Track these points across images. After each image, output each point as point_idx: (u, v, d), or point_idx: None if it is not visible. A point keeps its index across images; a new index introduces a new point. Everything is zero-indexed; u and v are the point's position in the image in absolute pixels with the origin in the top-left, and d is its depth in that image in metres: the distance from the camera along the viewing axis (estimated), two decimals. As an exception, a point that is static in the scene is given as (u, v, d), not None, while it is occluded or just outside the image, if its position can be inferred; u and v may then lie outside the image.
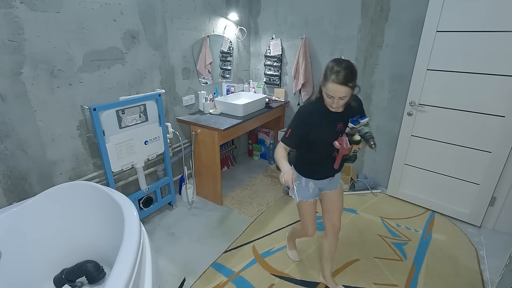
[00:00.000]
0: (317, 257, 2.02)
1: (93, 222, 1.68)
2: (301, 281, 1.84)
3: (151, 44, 2.24)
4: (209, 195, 2.68)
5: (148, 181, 2.42)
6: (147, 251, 1.37)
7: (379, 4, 2.41)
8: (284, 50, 3.11)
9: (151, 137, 2.16)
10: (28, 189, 1.77)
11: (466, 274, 1.90)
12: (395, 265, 1.96)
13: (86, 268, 1.61)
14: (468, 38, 2.05)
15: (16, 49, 1.56)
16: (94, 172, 2.07)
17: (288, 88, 3.22)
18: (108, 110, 1.84)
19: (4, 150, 1.62)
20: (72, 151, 1.93)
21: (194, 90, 2.73)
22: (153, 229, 2.30)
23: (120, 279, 1.03)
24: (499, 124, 2.09)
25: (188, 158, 2.71)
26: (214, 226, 2.36)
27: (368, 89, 2.69)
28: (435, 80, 2.26)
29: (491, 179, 2.21)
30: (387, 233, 2.27)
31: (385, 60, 2.52)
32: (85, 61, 1.86)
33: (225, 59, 3.02)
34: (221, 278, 1.85)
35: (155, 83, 2.35)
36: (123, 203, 1.47)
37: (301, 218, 1.70)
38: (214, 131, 2.35)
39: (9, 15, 1.51)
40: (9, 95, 1.58)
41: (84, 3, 1.79)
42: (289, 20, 2.95)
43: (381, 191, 2.84)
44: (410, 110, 2.43)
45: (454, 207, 2.44)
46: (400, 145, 2.58)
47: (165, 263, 1.97)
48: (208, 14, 2.67)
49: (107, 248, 1.63)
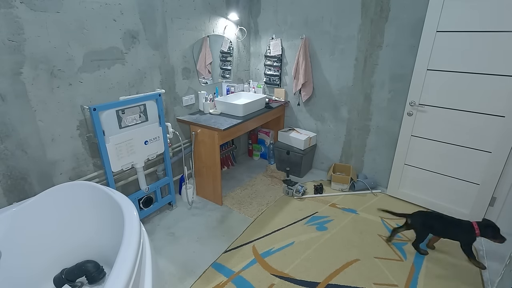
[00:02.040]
0: (317, 257, 2.03)
1: (93, 222, 1.68)
2: (301, 281, 1.84)
3: (151, 44, 2.24)
4: (209, 195, 2.68)
5: (148, 181, 2.42)
6: (147, 251, 1.37)
7: (379, 4, 2.41)
8: (284, 50, 3.11)
9: (151, 137, 2.17)
10: (28, 189, 1.77)
11: (466, 274, 1.90)
12: (395, 265, 1.96)
13: (86, 268, 1.61)
14: (468, 38, 2.06)
15: (16, 49, 1.56)
16: (94, 172, 2.07)
17: (288, 88, 3.23)
18: (108, 110, 1.84)
19: (4, 150, 1.62)
20: (72, 151, 1.93)
21: (194, 90, 2.73)
22: (153, 229, 2.30)
23: (120, 279, 1.03)
24: (499, 124, 2.09)
25: (188, 158, 2.71)
26: (214, 226, 2.36)
27: (368, 89, 2.69)
28: (435, 80, 2.26)
29: (491, 179, 2.21)
30: (387, 233, 2.27)
31: (385, 60, 2.52)
32: (85, 61, 1.86)
33: (225, 59, 3.02)
34: (221, 278, 1.85)
35: (155, 83, 2.35)
36: (123, 203, 1.47)
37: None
38: (214, 131, 2.35)
39: (9, 15, 1.51)
40: (9, 95, 1.58)
41: (84, 3, 1.79)
42: (289, 20, 2.95)
43: (381, 191, 2.84)
44: (410, 110, 2.43)
45: (454, 207, 2.44)
46: (400, 145, 2.58)
47: (165, 263, 1.97)
48: (208, 14, 2.67)
49: (107, 248, 1.63)
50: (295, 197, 2.76)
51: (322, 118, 3.09)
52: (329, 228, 2.32)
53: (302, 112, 3.22)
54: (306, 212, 2.53)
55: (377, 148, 2.83)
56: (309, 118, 3.19)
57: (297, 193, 2.76)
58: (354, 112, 2.86)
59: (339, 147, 3.08)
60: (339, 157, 3.12)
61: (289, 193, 2.78)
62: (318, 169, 3.32)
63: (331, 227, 2.33)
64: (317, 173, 3.25)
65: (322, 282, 1.82)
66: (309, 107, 3.15)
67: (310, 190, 2.87)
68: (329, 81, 2.91)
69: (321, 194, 2.81)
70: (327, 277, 1.86)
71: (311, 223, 2.38)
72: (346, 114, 2.91)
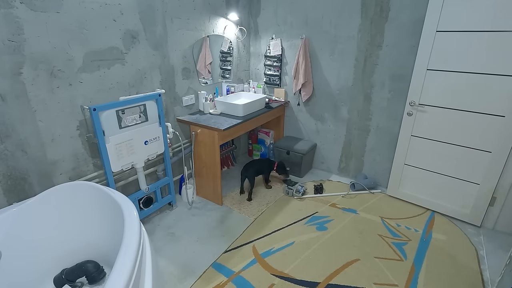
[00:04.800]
0: (317, 257, 2.03)
1: (93, 222, 1.68)
2: (301, 281, 1.84)
3: (151, 44, 2.24)
4: (209, 195, 2.68)
5: (148, 181, 2.42)
6: (147, 251, 1.37)
7: (379, 4, 2.41)
8: (284, 50, 3.11)
9: (151, 137, 2.16)
10: (28, 189, 1.77)
11: (466, 274, 1.90)
12: (395, 265, 1.96)
13: (86, 268, 1.61)
14: (468, 38, 2.05)
15: (16, 49, 1.56)
16: (94, 172, 2.07)
17: (288, 88, 3.23)
18: (108, 110, 1.84)
19: (4, 150, 1.62)
20: (72, 151, 1.93)
21: (194, 90, 2.73)
22: (153, 229, 2.30)
23: (120, 279, 1.03)
24: (499, 124, 2.09)
25: (188, 158, 2.71)
26: (214, 226, 2.36)
27: (368, 89, 2.69)
28: (435, 80, 2.26)
29: (491, 179, 2.21)
30: (387, 233, 2.27)
31: (385, 60, 2.52)
32: (85, 61, 1.86)
33: (225, 59, 3.02)
34: (221, 278, 1.85)
35: (155, 83, 2.35)
36: (123, 203, 1.47)
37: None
38: (214, 131, 2.35)
39: (9, 15, 1.51)
40: (9, 95, 1.58)
41: (84, 3, 1.79)
42: (289, 20, 2.95)
43: (381, 191, 2.84)
44: (410, 110, 2.43)
45: (454, 207, 2.44)
46: (400, 145, 2.58)
47: (165, 263, 1.97)
48: (208, 14, 2.67)
49: (107, 248, 1.63)
50: (295, 197, 2.76)
51: (322, 118, 3.09)
52: (329, 228, 2.32)
53: (302, 112, 3.22)
54: (306, 212, 2.53)
55: (377, 148, 2.83)
56: (309, 118, 3.19)
57: (297, 193, 2.76)
58: (354, 112, 2.86)
59: (339, 147, 3.08)
60: (339, 157, 3.12)
61: (289, 193, 2.78)
62: (318, 169, 3.32)
63: (331, 227, 2.33)
64: (317, 173, 3.25)
65: (322, 282, 1.82)
66: (309, 107, 3.15)
67: (310, 190, 2.87)
68: (329, 81, 2.91)
69: (321, 194, 2.81)
70: (327, 277, 1.86)
71: (311, 223, 2.38)
72: (346, 114, 2.91)
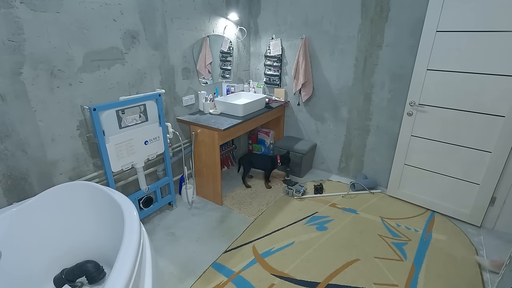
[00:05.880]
0: (317, 257, 2.03)
1: (93, 222, 1.68)
2: (301, 281, 1.84)
3: (151, 44, 2.24)
4: (209, 195, 2.68)
5: (148, 181, 2.42)
6: (147, 251, 1.37)
7: (379, 4, 2.41)
8: (284, 50, 3.11)
9: (151, 137, 2.16)
10: (28, 189, 1.77)
11: (466, 274, 1.90)
12: (395, 265, 1.96)
13: (86, 268, 1.61)
14: (468, 38, 2.05)
15: (16, 49, 1.56)
16: (94, 172, 2.07)
17: (288, 88, 3.23)
18: (108, 110, 1.84)
19: (4, 150, 1.62)
20: (72, 151, 1.93)
21: (194, 90, 2.73)
22: (153, 229, 2.30)
23: (120, 279, 1.03)
24: (499, 124, 2.09)
25: (188, 158, 2.71)
26: (214, 226, 2.36)
27: (368, 89, 2.69)
28: (435, 80, 2.26)
29: (491, 179, 2.21)
30: (387, 233, 2.27)
31: (385, 60, 2.52)
32: (85, 61, 1.86)
33: (225, 59, 3.02)
34: (221, 278, 1.85)
35: (155, 83, 2.35)
36: (123, 203, 1.47)
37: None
38: (214, 131, 2.35)
39: (9, 15, 1.51)
40: (9, 95, 1.58)
41: (84, 3, 1.79)
42: (289, 20, 2.95)
43: (381, 191, 2.84)
44: (410, 110, 2.43)
45: (454, 207, 2.44)
46: (400, 145, 2.58)
47: (165, 263, 1.97)
48: (208, 14, 2.67)
49: (107, 248, 1.63)
50: (295, 197, 2.76)
51: (322, 118, 3.09)
52: (329, 228, 2.32)
53: (302, 112, 3.22)
54: (306, 212, 2.53)
55: (377, 148, 2.83)
56: (309, 118, 3.19)
57: (297, 193, 2.76)
58: (354, 112, 2.86)
59: (339, 147, 3.08)
60: (339, 157, 3.12)
61: (289, 193, 2.78)
62: (318, 169, 3.32)
63: (331, 227, 2.33)
64: (317, 173, 3.25)
65: (322, 282, 1.82)
66: (309, 107, 3.15)
67: (310, 190, 2.87)
68: (329, 81, 2.91)
69: (321, 194, 2.81)
70: (327, 277, 1.86)
71: (311, 223, 2.38)
72: (346, 114, 2.91)
